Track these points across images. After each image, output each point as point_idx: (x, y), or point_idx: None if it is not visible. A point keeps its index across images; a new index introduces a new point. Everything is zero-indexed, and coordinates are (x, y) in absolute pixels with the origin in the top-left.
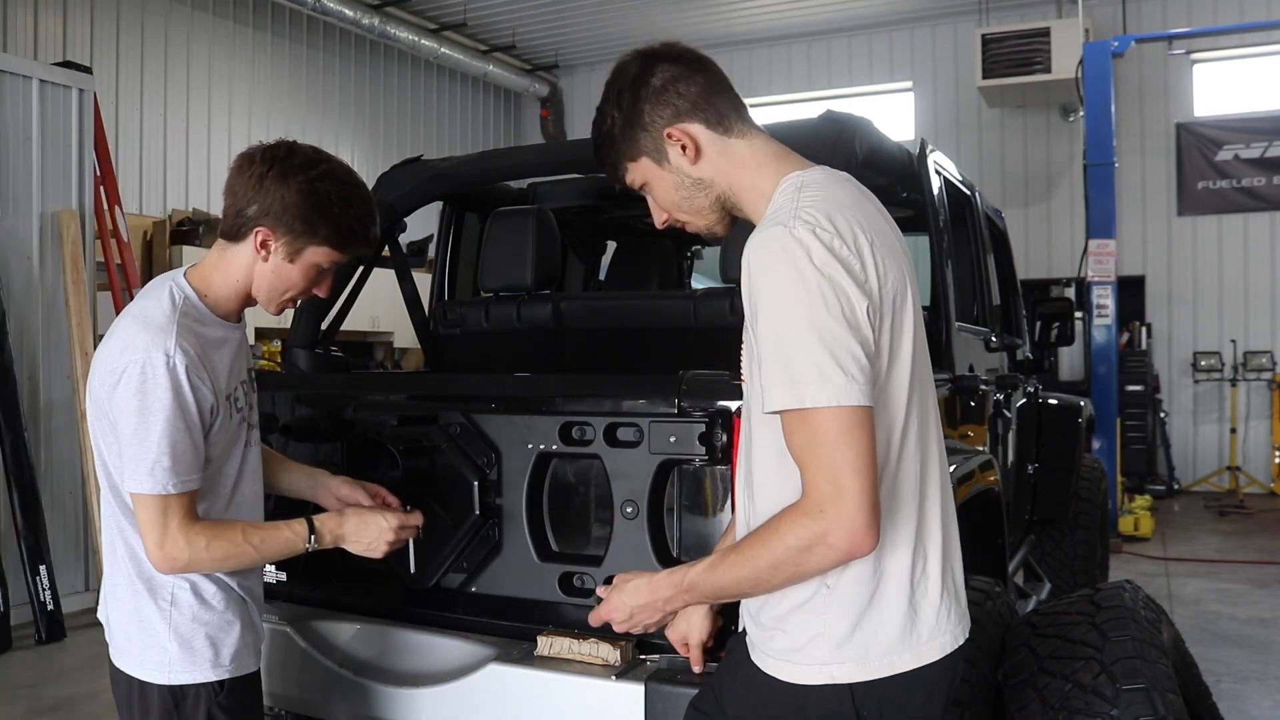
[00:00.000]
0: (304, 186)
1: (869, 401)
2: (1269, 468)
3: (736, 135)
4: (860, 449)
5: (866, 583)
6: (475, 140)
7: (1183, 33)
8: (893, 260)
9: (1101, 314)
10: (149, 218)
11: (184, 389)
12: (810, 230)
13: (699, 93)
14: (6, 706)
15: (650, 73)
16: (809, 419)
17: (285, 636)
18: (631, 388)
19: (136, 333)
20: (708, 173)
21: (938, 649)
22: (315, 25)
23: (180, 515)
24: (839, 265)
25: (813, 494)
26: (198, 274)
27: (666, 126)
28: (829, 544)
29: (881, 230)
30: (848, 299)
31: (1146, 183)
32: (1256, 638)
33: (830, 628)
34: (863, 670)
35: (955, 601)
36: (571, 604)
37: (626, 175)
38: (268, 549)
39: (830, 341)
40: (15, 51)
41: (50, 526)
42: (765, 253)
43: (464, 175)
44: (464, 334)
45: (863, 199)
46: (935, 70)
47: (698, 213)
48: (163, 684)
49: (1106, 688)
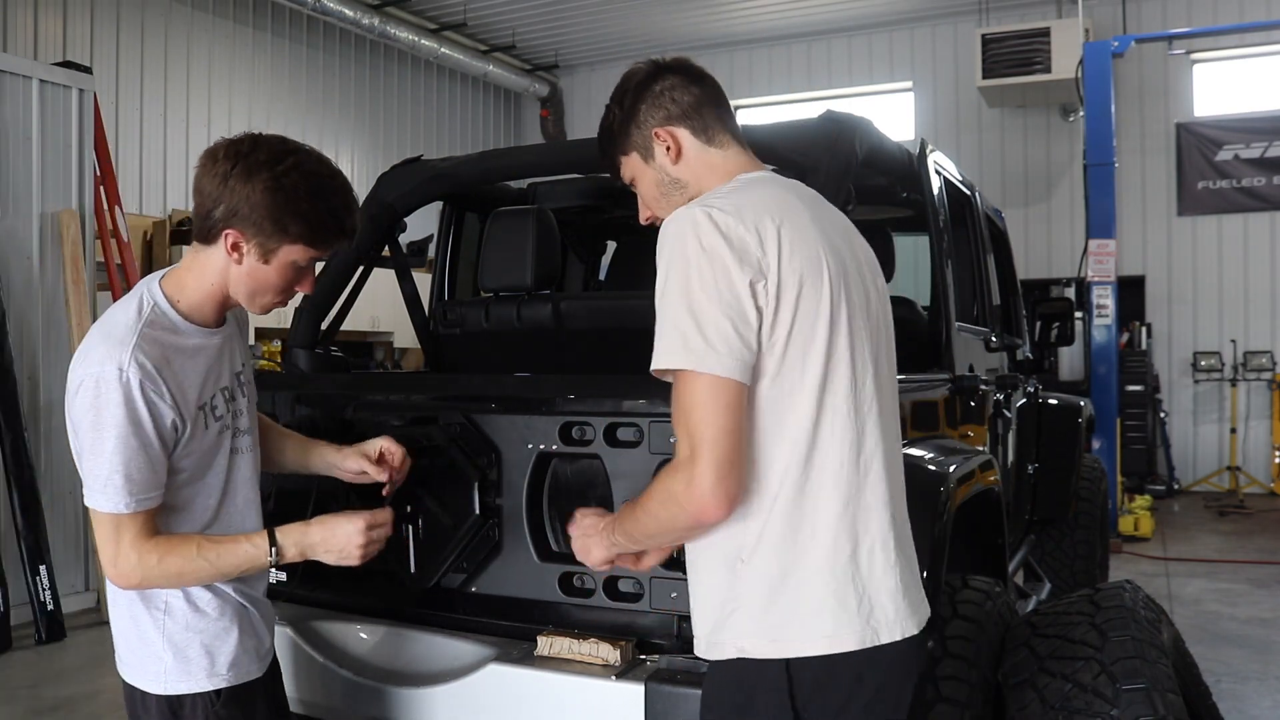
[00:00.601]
0: (269, 183)
1: (731, 374)
2: (1269, 468)
3: (717, 145)
4: (715, 417)
5: (779, 560)
6: (475, 140)
7: (1183, 33)
8: (805, 246)
9: (1101, 314)
10: (149, 218)
11: (137, 405)
12: (707, 213)
13: (691, 103)
14: (6, 706)
15: (655, 80)
16: (677, 384)
17: (285, 636)
18: (631, 388)
19: (96, 344)
20: (685, 174)
21: (854, 640)
22: (315, 25)
23: (134, 532)
24: (724, 243)
25: (677, 454)
26: (172, 280)
27: (656, 126)
28: (678, 503)
29: (801, 226)
30: (725, 275)
31: (1146, 183)
32: (1256, 638)
33: (744, 603)
34: (775, 648)
35: (898, 595)
36: (571, 604)
37: (620, 169)
38: (224, 564)
39: (697, 311)
40: (15, 51)
41: (50, 526)
42: (667, 229)
43: (464, 175)
44: (464, 334)
45: (793, 199)
46: (935, 70)
47: (672, 209)
48: (159, 694)
49: (1106, 688)
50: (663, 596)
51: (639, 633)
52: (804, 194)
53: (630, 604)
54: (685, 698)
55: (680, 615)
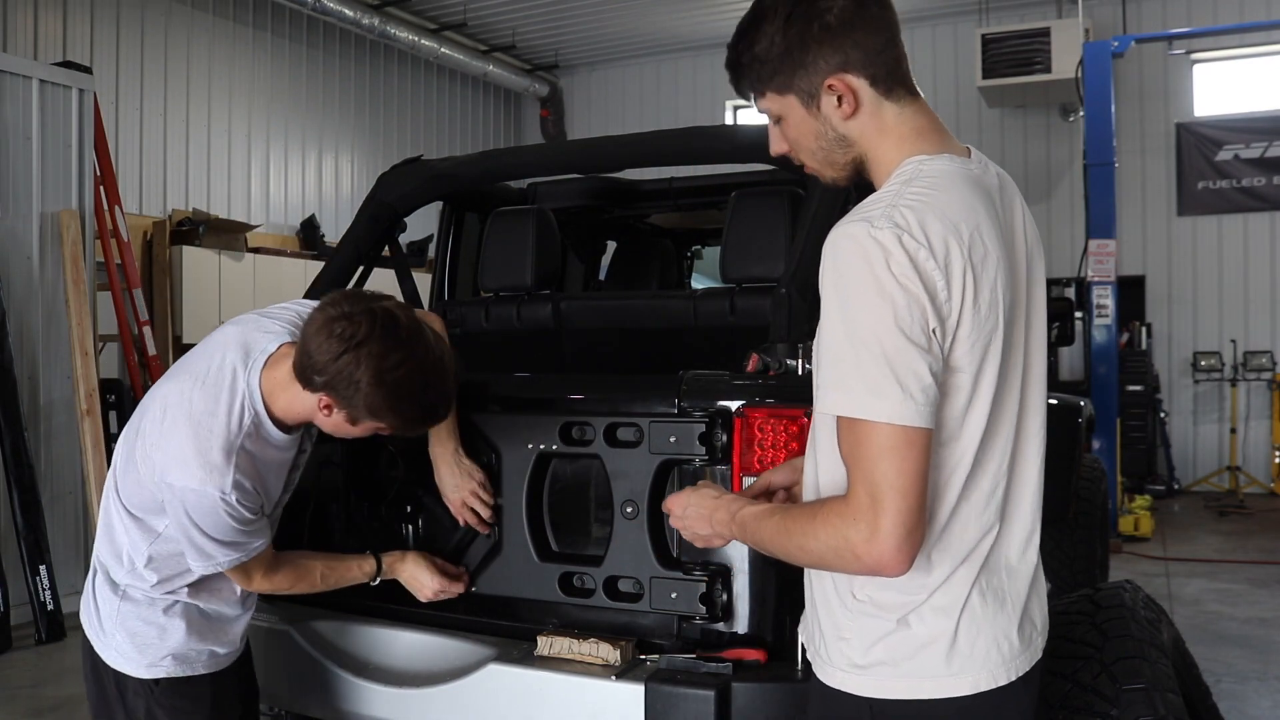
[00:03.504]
0: (374, 380)
1: (924, 423)
2: (1269, 468)
3: (893, 99)
4: (904, 469)
5: (901, 601)
6: (475, 140)
7: (1183, 33)
8: (988, 282)
9: (1101, 314)
10: (149, 218)
11: (237, 515)
12: (896, 235)
13: (877, 44)
14: (6, 706)
15: (825, 1)
16: (858, 428)
17: (285, 636)
18: (631, 388)
19: (192, 458)
20: (855, 131)
21: (969, 684)
22: (315, 25)
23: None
24: (918, 278)
25: (852, 501)
26: (269, 384)
27: (830, 75)
28: (855, 554)
29: (987, 244)
30: (922, 313)
31: (1146, 183)
32: (1256, 638)
33: (857, 634)
34: (879, 688)
35: (1015, 638)
36: (571, 604)
37: (762, 102)
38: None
39: (893, 355)
40: (15, 51)
41: (50, 526)
42: (843, 249)
43: (464, 175)
44: (464, 334)
45: (977, 203)
46: (935, 70)
47: (830, 165)
48: (111, 668)
49: (1106, 688)
50: (663, 596)
51: (639, 633)
52: (986, 187)
53: (630, 604)
54: (685, 698)
55: (680, 615)
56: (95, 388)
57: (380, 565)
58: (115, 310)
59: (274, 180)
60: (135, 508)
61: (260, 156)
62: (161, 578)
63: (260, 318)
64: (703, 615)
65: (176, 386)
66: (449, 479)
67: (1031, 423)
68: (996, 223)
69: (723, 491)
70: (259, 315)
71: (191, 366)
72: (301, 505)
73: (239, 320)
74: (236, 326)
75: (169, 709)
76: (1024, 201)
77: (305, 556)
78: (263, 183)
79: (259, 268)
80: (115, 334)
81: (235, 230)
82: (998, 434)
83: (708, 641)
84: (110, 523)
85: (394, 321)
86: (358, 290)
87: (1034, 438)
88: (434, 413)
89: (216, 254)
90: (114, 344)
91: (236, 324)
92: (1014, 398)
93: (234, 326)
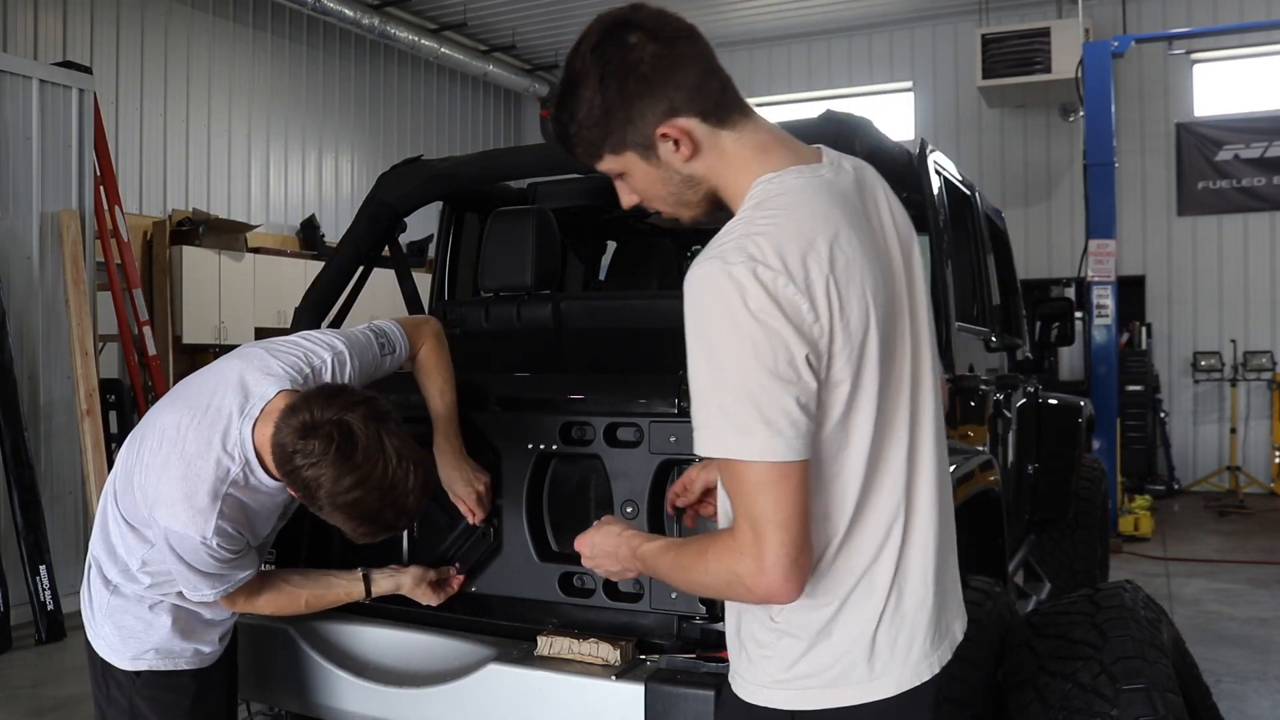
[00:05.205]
0: (330, 500)
1: (796, 455)
2: (1269, 468)
3: (728, 126)
4: (781, 502)
5: (818, 617)
6: (475, 140)
7: (1183, 33)
8: (854, 287)
9: (1101, 314)
10: (149, 218)
11: (217, 557)
12: (750, 269)
13: (694, 79)
14: (6, 706)
15: (634, 53)
16: (732, 467)
17: (285, 636)
18: (631, 388)
19: (179, 501)
20: (699, 170)
21: (893, 685)
22: (315, 25)
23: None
24: (778, 311)
25: (738, 535)
26: (263, 434)
27: (660, 124)
28: (746, 587)
29: (849, 251)
30: (785, 348)
31: (1146, 183)
32: (1256, 638)
33: (779, 653)
34: (803, 699)
35: (933, 631)
36: (571, 604)
37: (601, 165)
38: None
39: (757, 393)
40: (15, 51)
41: (50, 526)
42: (699, 291)
43: (464, 175)
44: (464, 334)
45: (833, 210)
46: (935, 70)
47: (685, 205)
48: (100, 657)
49: (1106, 688)
50: (663, 596)
51: (639, 633)
52: (840, 191)
53: (630, 604)
54: (685, 698)
55: (680, 615)
56: (95, 388)
57: (370, 589)
58: (115, 310)
59: (274, 180)
60: (132, 520)
61: (260, 156)
62: (155, 581)
63: (266, 355)
64: (703, 615)
65: (174, 419)
66: (459, 476)
67: (925, 413)
68: (857, 224)
69: (625, 526)
70: (265, 352)
71: (192, 397)
72: (300, 513)
73: (244, 354)
74: (240, 361)
75: (150, 700)
76: (888, 189)
77: (293, 582)
78: (263, 183)
79: (259, 268)
80: (115, 334)
81: (235, 230)
82: (891, 433)
83: (708, 641)
84: (106, 525)
85: (351, 442)
86: (333, 389)
87: (929, 426)
88: (391, 527)
89: (216, 254)
90: (114, 344)
91: (241, 358)
92: (904, 392)
93: (238, 361)
